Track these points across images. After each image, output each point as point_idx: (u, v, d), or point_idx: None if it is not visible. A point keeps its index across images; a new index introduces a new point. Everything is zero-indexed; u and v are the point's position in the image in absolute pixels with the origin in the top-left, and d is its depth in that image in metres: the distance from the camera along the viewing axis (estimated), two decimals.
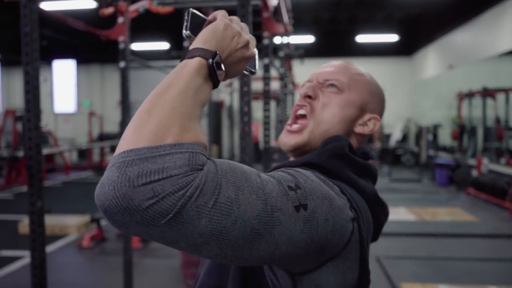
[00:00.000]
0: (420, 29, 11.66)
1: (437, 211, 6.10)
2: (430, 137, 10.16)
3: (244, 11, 1.77)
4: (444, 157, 9.29)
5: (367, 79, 0.83)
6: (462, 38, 9.52)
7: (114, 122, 13.36)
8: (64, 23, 2.46)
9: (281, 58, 5.41)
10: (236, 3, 1.79)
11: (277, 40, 5.09)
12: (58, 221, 5.21)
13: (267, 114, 2.52)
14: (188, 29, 0.61)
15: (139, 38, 9.80)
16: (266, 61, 2.46)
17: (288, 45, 5.91)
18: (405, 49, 12.79)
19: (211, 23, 0.62)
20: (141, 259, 4.08)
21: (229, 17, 0.62)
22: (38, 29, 1.85)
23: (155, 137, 0.47)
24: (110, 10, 2.61)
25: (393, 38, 11.68)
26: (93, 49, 12.60)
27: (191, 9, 0.63)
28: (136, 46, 11.12)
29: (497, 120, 7.99)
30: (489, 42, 8.11)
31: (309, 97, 0.80)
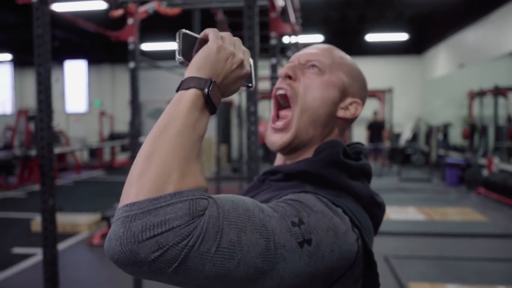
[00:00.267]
0: (430, 27, 11.56)
1: (447, 211, 6.06)
2: (440, 136, 10.07)
3: (251, 12, 1.79)
4: (455, 157, 9.21)
5: (349, 62, 0.81)
6: (473, 36, 9.42)
7: (125, 122, 13.49)
8: (75, 24, 2.51)
9: (289, 58, 5.41)
10: (243, 4, 1.81)
11: (285, 40, 5.09)
12: (69, 219, 5.28)
13: None
14: (181, 53, 0.62)
15: (148, 38, 9.87)
16: (274, 61, 2.48)
17: (296, 44, 5.92)
18: (415, 48, 12.69)
19: (203, 40, 0.63)
20: None
21: (220, 35, 0.62)
22: (50, 31, 1.89)
23: (155, 187, 0.49)
24: (120, 11, 2.65)
25: (403, 37, 11.59)
26: (104, 49, 12.73)
27: (182, 30, 0.63)
28: (145, 46, 11.20)
29: (509, 119, 7.89)
30: (500, 40, 8.02)
31: (289, 77, 0.77)
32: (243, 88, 0.70)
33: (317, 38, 11.45)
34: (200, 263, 0.49)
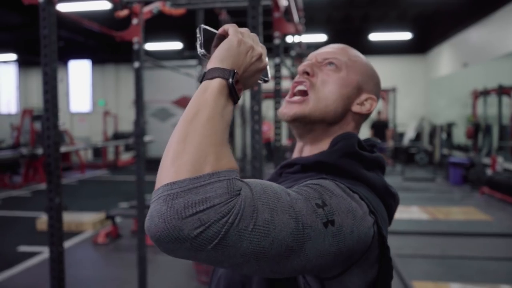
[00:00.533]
0: (434, 27, 11.53)
1: (450, 210, 6.05)
2: (444, 135, 10.04)
3: (254, 12, 1.80)
4: (458, 156, 9.18)
5: (364, 61, 0.85)
6: (477, 35, 9.39)
7: (129, 121, 13.54)
8: (79, 24, 2.53)
9: (292, 57, 5.42)
10: (247, 3, 1.83)
11: (288, 39, 5.11)
12: (74, 218, 5.32)
13: None
14: (202, 47, 0.64)
15: (152, 38, 9.89)
16: (277, 60, 2.49)
17: (300, 44, 5.93)
18: (418, 47, 12.66)
19: (222, 36, 0.65)
20: (155, 255, 4.15)
21: (240, 30, 0.65)
22: (56, 31, 1.91)
23: (194, 168, 0.52)
24: (124, 12, 2.67)
25: (406, 36, 11.56)
26: (108, 49, 12.78)
27: (202, 25, 0.65)
28: (149, 46, 11.24)
29: None
30: (504, 39, 7.99)
31: (307, 73, 0.81)
32: (260, 82, 0.72)
33: (320, 38, 11.44)
34: (238, 240, 0.51)
